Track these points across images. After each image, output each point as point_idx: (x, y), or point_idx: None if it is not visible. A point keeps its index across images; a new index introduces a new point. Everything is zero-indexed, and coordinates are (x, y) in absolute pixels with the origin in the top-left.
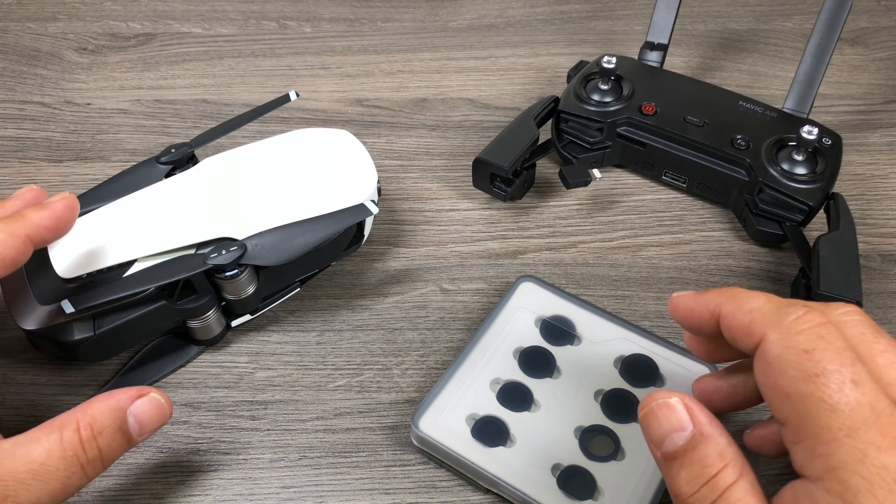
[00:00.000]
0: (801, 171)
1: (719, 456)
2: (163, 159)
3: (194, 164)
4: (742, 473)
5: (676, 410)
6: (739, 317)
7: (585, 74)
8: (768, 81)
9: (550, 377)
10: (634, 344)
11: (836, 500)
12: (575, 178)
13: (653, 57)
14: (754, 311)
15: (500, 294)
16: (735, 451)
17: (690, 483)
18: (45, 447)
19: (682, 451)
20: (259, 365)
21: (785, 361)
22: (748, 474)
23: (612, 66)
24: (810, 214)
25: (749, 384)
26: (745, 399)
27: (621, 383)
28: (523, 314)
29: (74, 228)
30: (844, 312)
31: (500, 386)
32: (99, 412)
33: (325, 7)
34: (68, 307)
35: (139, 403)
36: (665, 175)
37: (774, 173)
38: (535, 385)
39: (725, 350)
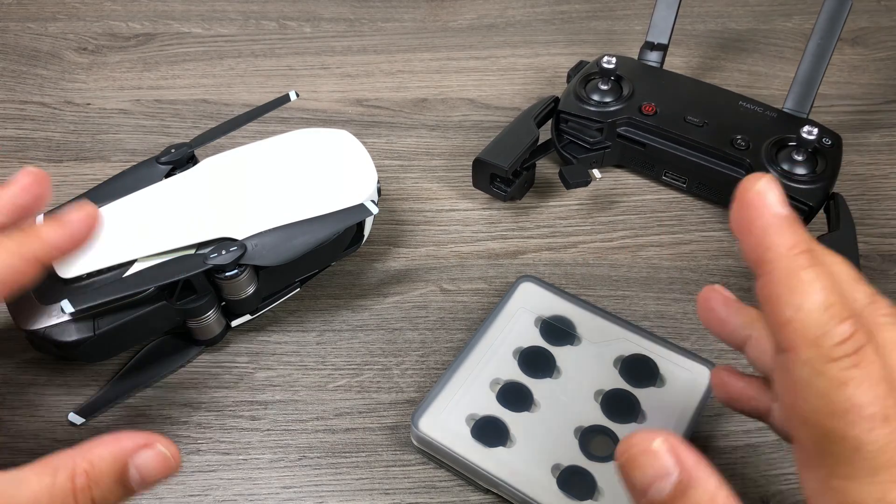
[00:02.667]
0: (801, 171)
1: (710, 500)
2: (163, 159)
3: (194, 164)
4: None
5: (659, 456)
6: (782, 308)
7: (585, 74)
8: (768, 81)
9: (550, 377)
10: (634, 344)
11: None
12: (575, 178)
13: (653, 57)
14: (801, 312)
15: (500, 294)
16: (727, 494)
17: None
18: (33, 490)
19: (669, 500)
20: (259, 365)
21: (812, 389)
22: None
23: (612, 66)
24: (810, 214)
25: (762, 400)
26: (752, 408)
27: (621, 383)
28: (523, 314)
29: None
30: (887, 315)
31: (500, 386)
32: (99, 458)
33: (325, 7)
34: (68, 307)
35: (144, 455)
36: (665, 175)
37: (774, 173)
38: (535, 385)
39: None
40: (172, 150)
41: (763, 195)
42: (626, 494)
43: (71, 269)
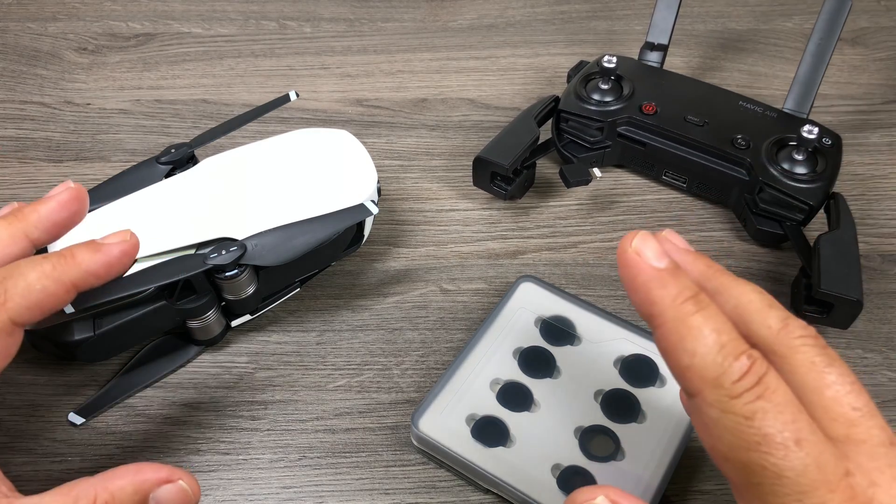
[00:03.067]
0: (801, 170)
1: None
2: (163, 159)
3: (194, 164)
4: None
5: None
6: (679, 355)
7: (586, 74)
8: (768, 81)
9: (550, 377)
10: (634, 344)
11: None
12: (575, 177)
13: (653, 57)
14: (696, 357)
15: (500, 294)
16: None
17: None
18: None
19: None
20: (259, 365)
21: (723, 427)
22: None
23: (612, 65)
24: (811, 214)
25: None
26: None
27: (621, 383)
28: (523, 314)
29: (74, 228)
30: (800, 337)
31: (500, 386)
32: (119, 490)
33: (325, 7)
34: (68, 307)
35: (165, 490)
36: (665, 175)
37: (775, 173)
38: (535, 385)
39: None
40: (172, 150)
41: (640, 252)
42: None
43: None
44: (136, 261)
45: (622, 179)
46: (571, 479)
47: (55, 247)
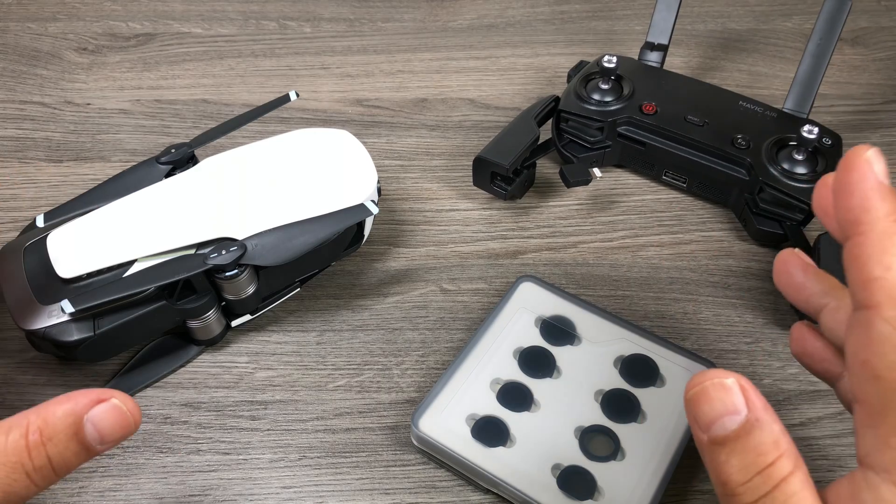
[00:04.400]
0: (801, 170)
1: (774, 444)
2: (163, 159)
3: (194, 164)
4: (797, 465)
5: (732, 392)
6: (871, 265)
7: (586, 74)
8: (768, 81)
9: (550, 377)
10: (634, 344)
11: None
12: (575, 176)
13: (653, 57)
14: (890, 272)
15: (500, 294)
16: (789, 442)
17: (743, 471)
18: None
19: (734, 437)
20: (259, 365)
21: (890, 345)
22: (802, 466)
23: (612, 65)
24: (811, 214)
25: (835, 365)
26: (822, 371)
27: (621, 383)
28: (523, 314)
29: (74, 228)
30: None
31: (500, 386)
32: (52, 416)
33: (325, 7)
34: (68, 307)
35: (99, 409)
36: (665, 175)
37: (775, 173)
38: (535, 385)
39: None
40: (172, 150)
41: (871, 163)
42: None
43: (71, 269)
44: (135, 261)
45: (622, 179)
46: (571, 479)
47: None
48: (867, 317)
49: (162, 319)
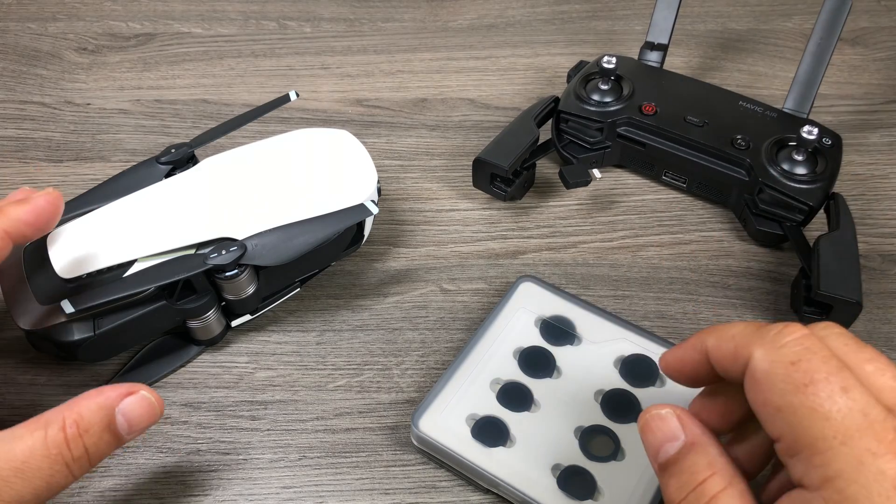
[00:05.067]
0: (801, 170)
1: (708, 465)
2: (163, 159)
3: (194, 164)
4: (731, 483)
5: (668, 421)
6: (724, 345)
7: (585, 74)
8: (768, 81)
9: (550, 377)
10: (634, 344)
11: None
12: (575, 177)
13: (653, 57)
14: (736, 335)
15: (500, 294)
16: (725, 462)
17: (679, 490)
18: (28, 444)
19: (673, 460)
20: (259, 365)
21: (773, 376)
22: (738, 483)
23: (612, 66)
24: (810, 214)
25: (732, 403)
26: (737, 417)
27: (621, 383)
28: (523, 314)
29: (74, 228)
30: (825, 327)
31: (500, 386)
32: (86, 409)
33: (325, 7)
34: (68, 307)
35: (129, 401)
36: (665, 175)
37: (774, 173)
38: (535, 385)
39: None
40: (172, 150)
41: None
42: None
43: (71, 269)
44: (135, 261)
45: (622, 179)
46: (571, 479)
47: None
48: (748, 370)
49: (162, 319)
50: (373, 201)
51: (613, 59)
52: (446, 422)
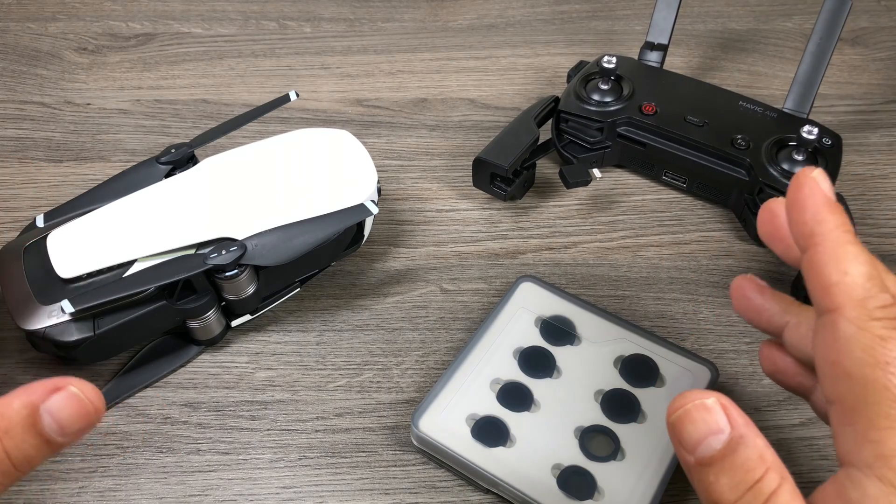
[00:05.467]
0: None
1: (760, 459)
2: (163, 159)
3: (194, 164)
4: (784, 477)
5: (714, 412)
6: (829, 271)
7: (585, 74)
8: (768, 81)
9: (550, 377)
10: (634, 344)
11: (888, 489)
12: (575, 177)
13: (653, 57)
14: (847, 276)
15: (500, 294)
16: (774, 455)
17: (733, 489)
18: None
19: (720, 456)
20: (259, 365)
21: (856, 342)
22: (789, 478)
23: (612, 66)
24: None
25: (776, 320)
26: (765, 325)
27: (621, 383)
28: (523, 314)
29: (74, 228)
30: None
31: (500, 386)
32: (7, 408)
33: (325, 7)
34: (68, 307)
35: (55, 399)
36: (665, 175)
37: (775, 173)
38: (535, 385)
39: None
40: (172, 150)
41: (818, 181)
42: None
43: (71, 269)
44: (135, 261)
45: (622, 179)
46: (571, 479)
47: None
48: (831, 320)
49: (162, 319)
50: (373, 201)
51: (613, 59)
52: (446, 422)
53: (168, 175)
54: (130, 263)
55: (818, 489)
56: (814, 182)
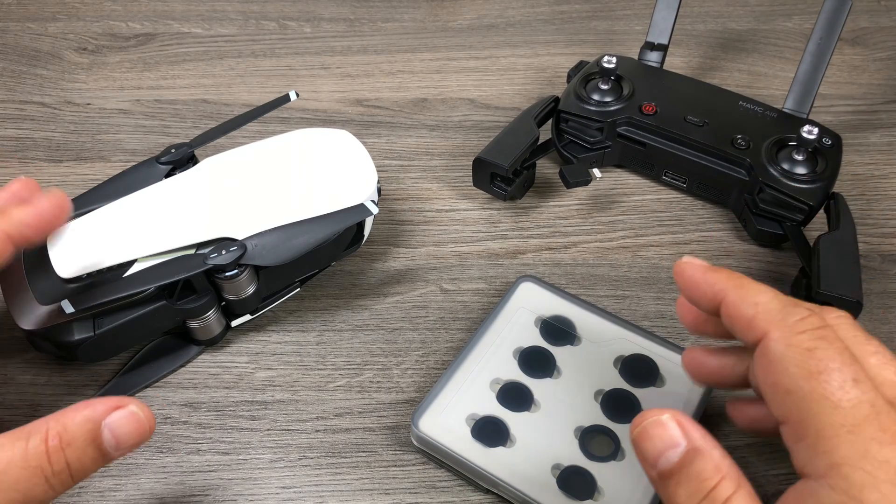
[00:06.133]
0: (801, 170)
1: (715, 469)
2: (163, 159)
3: (194, 164)
4: (740, 484)
5: (668, 427)
6: (744, 309)
7: (585, 74)
8: (768, 81)
9: (550, 377)
10: (634, 344)
11: (841, 497)
12: (575, 177)
13: (653, 57)
14: (760, 305)
15: (500, 294)
16: (730, 463)
17: (689, 498)
18: (7, 455)
19: (677, 468)
20: (259, 365)
21: (788, 359)
22: (745, 485)
23: (612, 65)
24: (810, 214)
25: (737, 369)
26: (729, 381)
27: (621, 383)
28: (523, 314)
29: (74, 228)
30: (837, 316)
31: (500, 386)
32: (71, 422)
33: (325, 7)
34: (68, 307)
35: (116, 416)
36: (665, 175)
37: (775, 173)
38: (535, 385)
39: (712, 327)
40: (172, 150)
41: (691, 261)
42: (641, 468)
43: (71, 269)
44: (135, 261)
45: (622, 179)
46: (571, 479)
47: None
48: (762, 346)
49: (162, 319)
50: (373, 201)
51: (613, 59)
52: (446, 422)
53: (168, 175)
54: (130, 263)
55: (779, 500)
56: (688, 262)
